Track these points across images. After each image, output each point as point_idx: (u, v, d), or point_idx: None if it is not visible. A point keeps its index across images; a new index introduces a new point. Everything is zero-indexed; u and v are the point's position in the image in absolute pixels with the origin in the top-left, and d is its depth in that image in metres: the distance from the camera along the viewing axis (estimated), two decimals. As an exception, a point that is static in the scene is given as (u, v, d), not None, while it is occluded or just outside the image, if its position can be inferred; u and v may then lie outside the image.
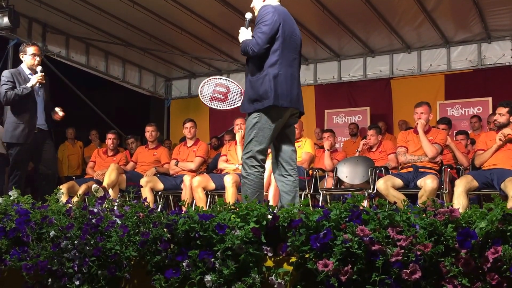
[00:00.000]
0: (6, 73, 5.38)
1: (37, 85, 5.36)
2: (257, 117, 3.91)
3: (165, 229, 2.79)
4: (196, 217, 2.75)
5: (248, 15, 4.24)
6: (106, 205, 3.08)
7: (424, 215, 2.49)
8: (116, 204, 3.20)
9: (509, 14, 8.31)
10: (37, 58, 5.46)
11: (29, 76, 5.42)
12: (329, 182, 7.19)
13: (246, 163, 3.94)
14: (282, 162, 4.09)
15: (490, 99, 9.37)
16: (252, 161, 3.92)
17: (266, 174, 4.45)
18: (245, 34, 4.09)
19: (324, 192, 6.60)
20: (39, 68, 5.39)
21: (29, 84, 5.28)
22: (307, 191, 6.29)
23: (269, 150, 4.26)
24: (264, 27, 3.88)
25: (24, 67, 5.49)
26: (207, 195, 6.60)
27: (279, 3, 4.16)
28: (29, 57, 5.44)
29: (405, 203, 2.61)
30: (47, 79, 5.51)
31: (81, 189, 7.02)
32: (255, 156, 3.91)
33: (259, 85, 3.89)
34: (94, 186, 6.36)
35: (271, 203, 4.01)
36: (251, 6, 4.22)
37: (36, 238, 3.12)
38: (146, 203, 3.08)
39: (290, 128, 4.16)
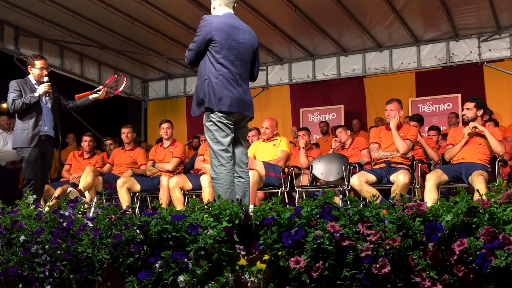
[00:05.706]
0: (13, 82, 5.63)
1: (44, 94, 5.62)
2: (209, 120, 4.05)
3: (137, 231, 2.79)
4: (168, 217, 2.76)
5: None
6: (79, 208, 3.06)
7: (393, 209, 2.53)
8: (92, 206, 3.18)
9: (475, 13, 8.48)
10: (45, 72, 5.71)
11: (35, 86, 5.65)
12: (304, 180, 7.24)
13: (214, 164, 4.01)
14: (233, 164, 4.17)
15: (459, 95, 9.57)
16: (219, 160, 3.99)
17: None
18: None
19: (300, 189, 6.67)
20: (45, 78, 5.64)
21: (36, 94, 5.52)
22: (283, 188, 6.33)
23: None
24: (196, 37, 4.13)
25: (31, 77, 5.74)
26: (184, 195, 6.60)
27: (230, 11, 4.25)
28: (37, 70, 5.68)
29: (375, 198, 2.64)
30: (54, 89, 5.74)
31: (57, 193, 6.95)
32: (221, 155, 3.99)
33: (200, 89, 4.08)
34: (69, 189, 6.31)
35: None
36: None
37: (6, 244, 3.07)
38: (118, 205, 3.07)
39: (241, 130, 4.27)
